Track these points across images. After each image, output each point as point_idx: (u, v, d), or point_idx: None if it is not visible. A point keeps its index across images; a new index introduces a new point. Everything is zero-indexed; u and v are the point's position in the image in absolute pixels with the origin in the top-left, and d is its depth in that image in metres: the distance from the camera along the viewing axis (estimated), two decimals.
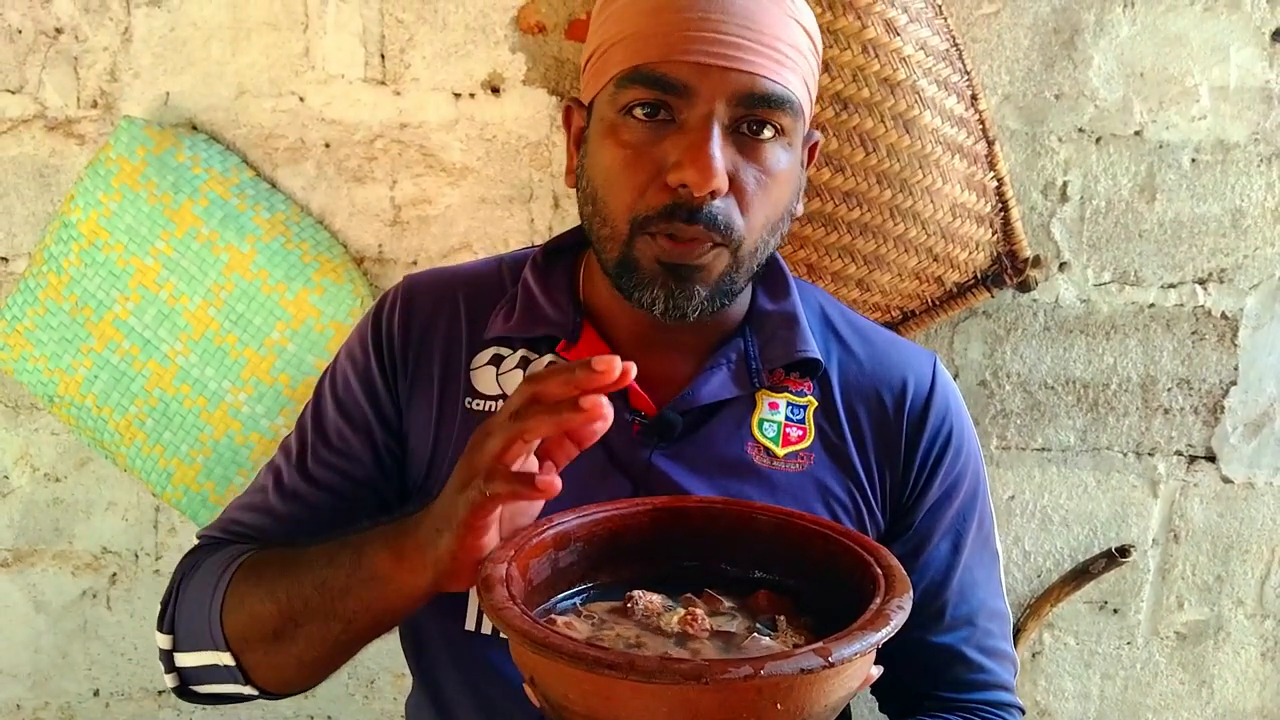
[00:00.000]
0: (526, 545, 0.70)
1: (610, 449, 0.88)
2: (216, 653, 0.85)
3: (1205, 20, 1.38)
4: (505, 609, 0.61)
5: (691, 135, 0.79)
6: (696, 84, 0.79)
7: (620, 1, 0.84)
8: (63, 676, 1.62)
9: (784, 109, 0.81)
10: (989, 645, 0.94)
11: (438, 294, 0.95)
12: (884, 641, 0.60)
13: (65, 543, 1.58)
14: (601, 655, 0.56)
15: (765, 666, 0.55)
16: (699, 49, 0.79)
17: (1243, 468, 1.49)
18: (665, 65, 0.79)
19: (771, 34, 0.81)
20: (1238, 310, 1.45)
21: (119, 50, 1.43)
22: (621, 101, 0.81)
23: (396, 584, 0.75)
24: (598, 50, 0.85)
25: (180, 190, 1.38)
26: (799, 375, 0.92)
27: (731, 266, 0.83)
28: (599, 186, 0.84)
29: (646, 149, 0.81)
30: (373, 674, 1.59)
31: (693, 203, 0.79)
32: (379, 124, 1.43)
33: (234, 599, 0.85)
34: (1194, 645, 1.54)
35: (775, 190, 0.83)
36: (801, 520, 0.74)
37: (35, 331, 1.43)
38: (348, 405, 0.94)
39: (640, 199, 0.81)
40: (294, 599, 0.80)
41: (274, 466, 0.97)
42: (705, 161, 0.78)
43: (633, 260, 0.83)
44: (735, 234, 0.81)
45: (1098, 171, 1.42)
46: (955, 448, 0.93)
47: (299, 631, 0.80)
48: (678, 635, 0.65)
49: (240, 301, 1.38)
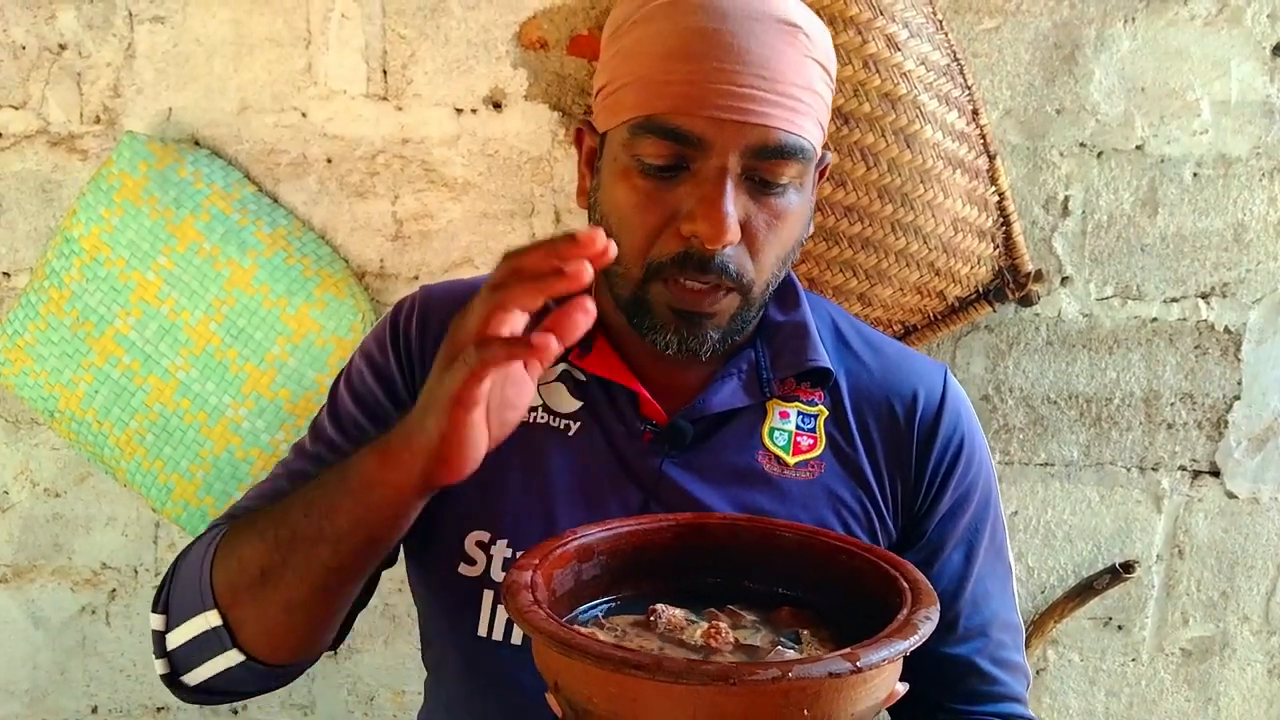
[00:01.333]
0: (551, 555, 0.70)
1: (621, 457, 0.88)
2: (204, 615, 0.82)
3: (1206, 35, 1.38)
4: (531, 612, 0.61)
5: (705, 188, 0.80)
6: (711, 138, 0.79)
7: (632, 37, 0.83)
8: (61, 693, 1.61)
9: (797, 158, 0.82)
10: (1002, 657, 0.94)
11: (454, 304, 0.94)
12: (911, 651, 0.60)
13: (64, 558, 1.57)
14: (629, 655, 0.56)
15: (793, 670, 0.55)
16: (714, 102, 0.78)
17: (1247, 483, 1.48)
18: (680, 118, 0.79)
19: (787, 81, 0.80)
20: (1241, 324, 1.45)
21: (122, 66, 1.44)
22: (635, 150, 0.81)
23: (384, 486, 0.72)
24: (610, 85, 0.85)
25: (182, 205, 1.38)
26: (810, 385, 0.92)
27: (743, 306, 0.85)
28: (612, 225, 0.85)
29: (660, 195, 0.81)
30: (372, 690, 1.59)
31: (705, 254, 0.80)
32: (381, 139, 1.44)
33: (224, 550, 0.82)
34: (1200, 662, 1.53)
35: (785, 231, 0.84)
36: (826, 537, 0.75)
37: (36, 346, 1.43)
38: (365, 399, 0.93)
39: (653, 245, 0.82)
40: (280, 530, 0.78)
41: (285, 460, 0.96)
42: (718, 217, 0.78)
43: (647, 303, 0.85)
44: (746, 279, 0.83)
45: (1099, 186, 1.42)
46: (967, 458, 0.93)
47: (286, 566, 0.77)
48: (701, 648, 0.65)
49: (241, 316, 1.38)
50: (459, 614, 0.88)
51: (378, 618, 1.55)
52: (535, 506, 0.88)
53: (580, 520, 0.85)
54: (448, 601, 0.90)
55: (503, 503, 0.87)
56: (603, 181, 0.86)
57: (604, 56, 0.87)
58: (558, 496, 0.88)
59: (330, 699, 1.59)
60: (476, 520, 0.88)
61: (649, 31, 0.82)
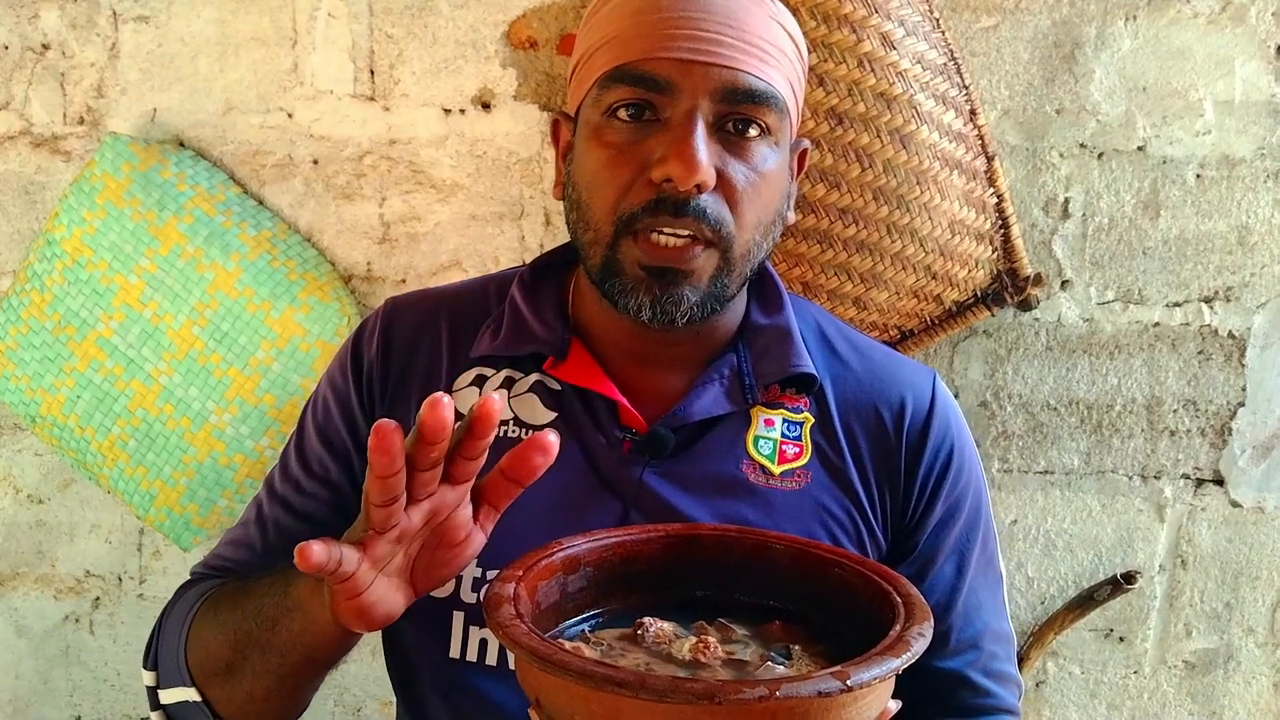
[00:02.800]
0: (535, 567, 0.68)
1: (600, 467, 0.86)
2: (185, 689, 0.85)
3: (1209, 34, 1.35)
4: (512, 626, 0.60)
5: (675, 131, 0.78)
6: (679, 80, 0.78)
7: (604, 10, 0.84)
8: (44, 703, 1.59)
9: (769, 105, 0.80)
10: (994, 669, 0.92)
11: (420, 315, 0.94)
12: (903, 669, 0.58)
13: (48, 566, 1.55)
14: (612, 673, 0.54)
15: (781, 688, 0.53)
16: (681, 45, 0.78)
17: (1252, 491, 1.45)
18: (648, 63, 0.79)
19: (754, 32, 0.80)
20: (1245, 329, 1.42)
21: (106, 66, 1.42)
22: (605, 102, 0.81)
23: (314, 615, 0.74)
24: (583, 58, 0.85)
25: (165, 207, 1.36)
26: (795, 391, 0.90)
27: (722, 269, 0.81)
28: (583, 190, 0.83)
29: (631, 148, 0.80)
30: (360, 701, 1.56)
31: (678, 196, 0.78)
32: (368, 140, 1.41)
33: (195, 633, 0.85)
34: (1203, 675, 1.50)
35: (765, 189, 0.82)
36: (818, 549, 0.73)
37: (18, 351, 1.41)
38: (329, 434, 0.92)
39: (624, 197, 0.80)
40: (239, 632, 0.80)
41: (258, 499, 0.96)
42: (689, 154, 0.77)
43: (616, 263, 0.81)
44: (725, 230, 0.80)
45: (1100, 188, 1.39)
46: (957, 467, 0.91)
47: (245, 664, 0.80)
48: (689, 663, 0.63)
49: (225, 320, 1.36)
50: (430, 636, 0.86)
51: None
52: (508, 524, 0.84)
53: (558, 533, 0.83)
54: (418, 624, 0.87)
55: None
56: (576, 156, 0.85)
57: (578, 39, 0.87)
58: (532, 513, 0.85)
59: (317, 709, 1.56)
60: None
61: (619, 0, 0.83)
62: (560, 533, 0.83)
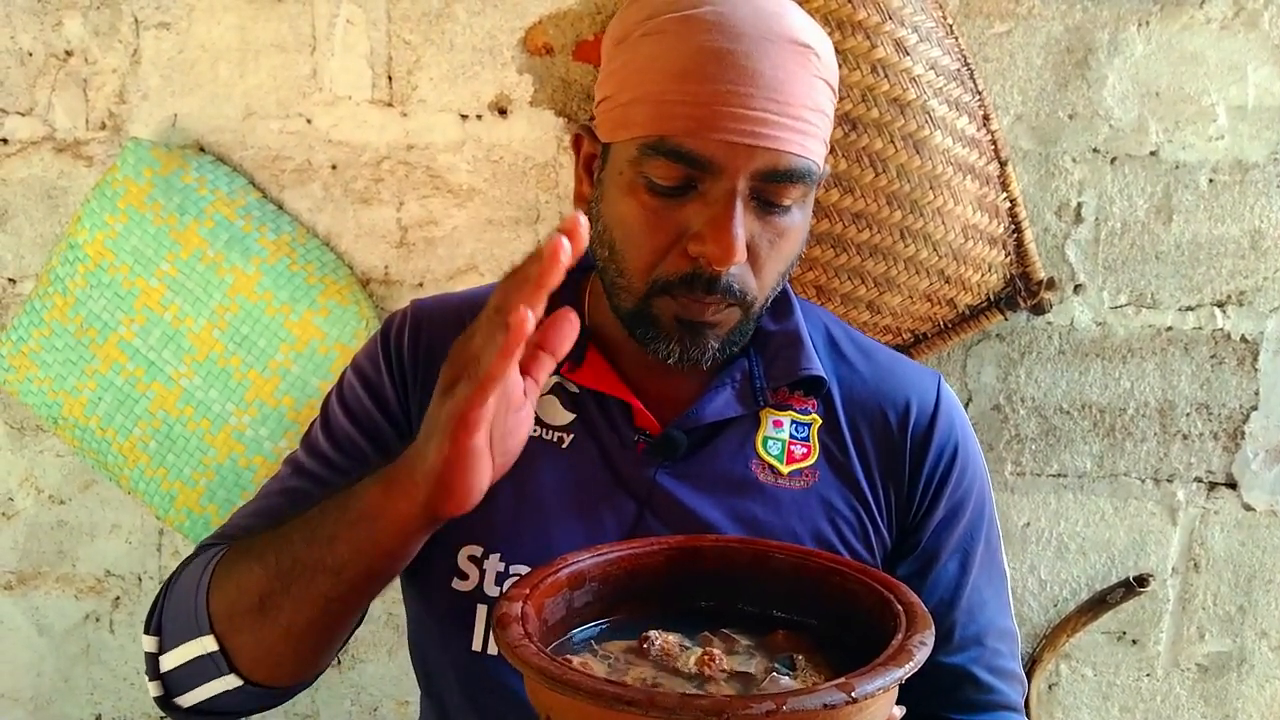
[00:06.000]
0: (541, 584, 0.69)
1: (615, 468, 0.88)
2: (200, 640, 0.81)
3: (1222, 38, 1.36)
4: (521, 646, 0.61)
5: (714, 209, 0.79)
6: (723, 161, 0.78)
7: (643, 51, 0.82)
8: (65, 701, 1.61)
9: (804, 181, 0.82)
10: (998, 665, 0.93)
11: (445, 319, 0.95)
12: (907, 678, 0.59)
13: (69, 565, 1.57)
14: (621, 692, 0.55)
15: (787, 702, 0.54)
16: (727, 126, 0.78)
17: (1265, 495, 1.45)
18: (692, 141, 0.78)
19: (799, 103, 0.80)
20: (1258, 333, 1.42)
21: (128, 72, 1.44)
22: (644, 168, 0.81)
23: (387, 517, 0.71)
24: (616, 97, 0.83)
25: (186, 212, 1.38)
26: (803, 393, 0.92)
27: (743, 320, 0.86)
28: (617, 239, 0.85)
29: (668, 213, 0.81)
30: (376, 701, 1.57)
31: (712, 274, 0.81)
32: (386, 145, 1.43)
33: (220, 575, 0.81)
34: (1216, 678, 1.50)
35: (787, 248, 0.85)
36: (819, 558, 0.74)
37: (40, 353, 1.43)
38: (357, 413, 0.93)
39: (660, 262, 0.82)
40: (281, 557, 0.76)
41: (279, 476, 0.95)
42: (728, 240, 0.78)
43: (651, 316, 0.85)
44: (749, 297, 0.84)
45: (1113, 192, 1.40)
46: (960, 466, 0.93)
47: (286, 595, 0.76)
48: (695, 676, 0.64)
49: (245, 323, 1.37)
50: (453, 629, 0.87)
51: (381, 627, 1.54)
52: (528, 520, 0.87)
53: (574, 532, 0.85)
54: (441, 616, 0.89)
55: (495, 516, 0.86)
56: (606, 194, 0.86)
57: (609, 65, 0.86)
58: (551, 509, 0.87)
59: (334, 709, 1.58)
60: (469, 534, 0.87)
61: (660, 47, 0.80)
62: (577, 530, 0.85)
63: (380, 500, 0.71)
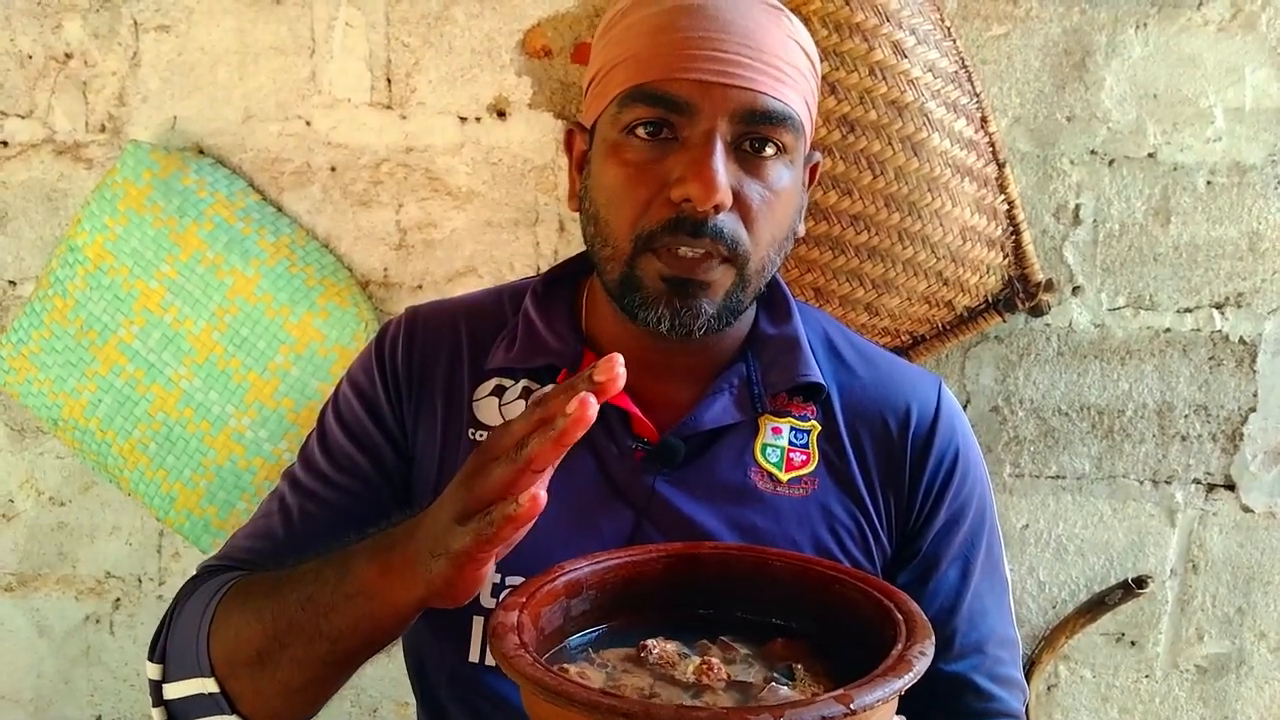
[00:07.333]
0: (538, 593, 0.68)
1: (613, 476, 0.87)
2: (201, 679, 0.82)
3: (1220, 41, 1.36)
4: (517, 657, 0.60)
5: (694, 151, 0.79)
6: (699, 101, 0.79)
7: (621, 25, 0.84)
8: (65, 702, 1.61)
9: (785, 125, 0.82)
10: (999, 673, 0.92)
11: (439, 324, 0.95)
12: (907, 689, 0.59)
13: (69, 567, 1.57)
14: (617, 704, 0.55)
15: (785, 715, 0.54)
16: (701, 66, 0.79)
17: (1263, 496, 1.45)
18: (668, 83, 0.80)
19: (772, 52, 0.81)
20: (1256, 335, 1.42)
21: (127, 75, 1.44)
22: (624, 120, 0.82)
23: (384, 598, 0.72)
24: (599, 73, 0.86)
25: (186, 214, 1.38)
26: (802, 399, 0.91)
27: (737, 284, 0.83)
28: (601, 206, 0.84)
29: (649, 166, 0.81)
30: (375, 702, 1.57)
31: (697, 217, 0.79)
32: (385, 148, 1.43)
33: (221, 621, 0.82)
34: (1215, 679, 1.50)
35: (779, 207, 0.83)
36: (818, 566, 0.74)
37: (40, 355, 1.43)
38: (353, 428, 0.93)
39: (643, 215, 0.81)
40: (279, 618, 0.77)
41: (277, 493, 0.95)
42: (709, 175, 0.78)
43: (636, 278, 0.83)
44: (741, 249, 0.82)
45: (1111, 194, 1.40)
46: (961, 472, 0.92)
47: (284, 653, 0.77)
48: (693, 685, 0.64)
49: (244, 325, 1.38)
50: (449, 640, 0.87)
51: None
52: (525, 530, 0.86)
53: (572, 543, 0.84)
54: (437, 627, 0.88)
55: None
56: (592, 170, 0.86)
57: (594, 51, 0.88)
58: (548, 519, 0.85)
59: (333, 710, 1.57)
60: None
61: (637, 18, 0.83)
62: (575, 539, 0.84)
63: (377, 582, 0.72)
